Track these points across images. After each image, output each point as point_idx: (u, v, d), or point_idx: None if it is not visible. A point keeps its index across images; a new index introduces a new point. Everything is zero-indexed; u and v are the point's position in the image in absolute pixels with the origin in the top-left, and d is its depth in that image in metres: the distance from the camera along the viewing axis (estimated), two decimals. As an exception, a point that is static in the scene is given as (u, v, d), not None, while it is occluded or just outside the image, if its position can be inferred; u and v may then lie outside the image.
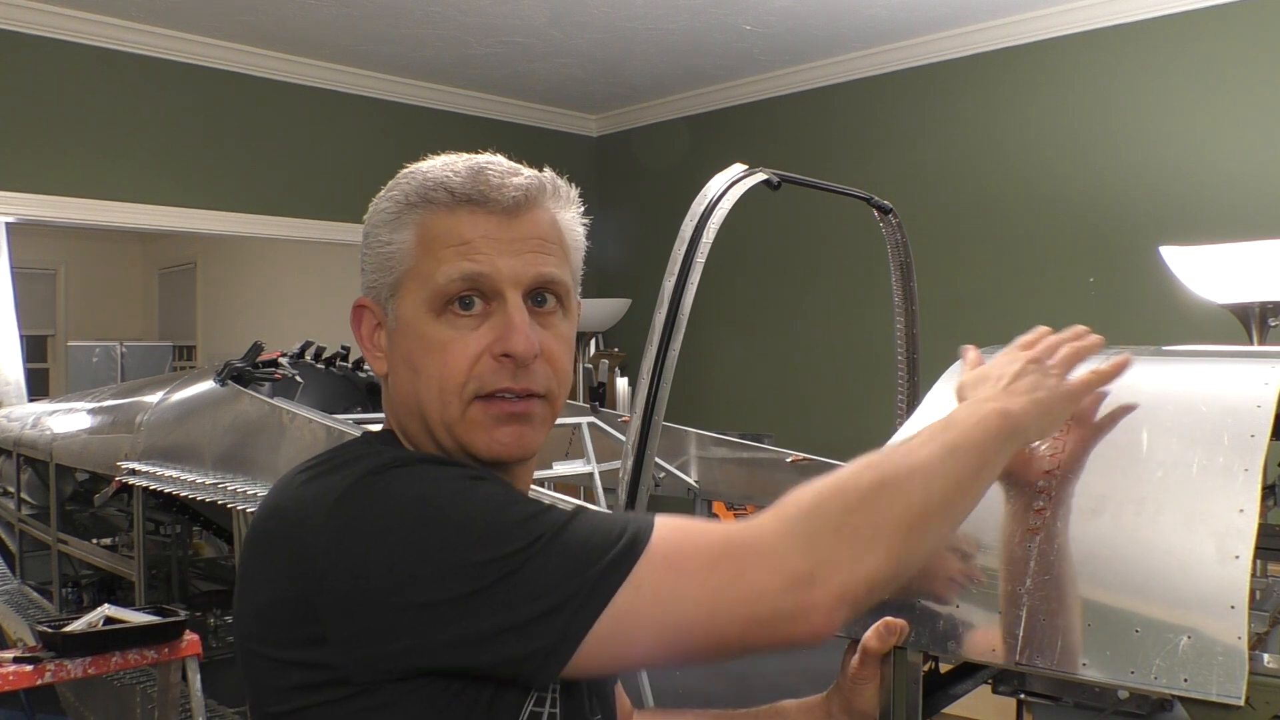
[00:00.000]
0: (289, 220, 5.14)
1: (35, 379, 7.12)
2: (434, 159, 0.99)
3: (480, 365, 0.93)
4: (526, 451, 0.97)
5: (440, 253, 0.93)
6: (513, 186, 0.95)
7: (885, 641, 1.08)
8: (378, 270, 0.97)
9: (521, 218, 0.95)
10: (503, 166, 0.97)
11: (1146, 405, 1.12)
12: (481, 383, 0.93)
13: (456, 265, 0.92)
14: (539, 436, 0.98)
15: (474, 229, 0.93)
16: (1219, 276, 2.90)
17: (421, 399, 0.94)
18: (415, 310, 0.94)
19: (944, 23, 4.50)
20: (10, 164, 4.31)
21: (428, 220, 0.95)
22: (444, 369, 0.93)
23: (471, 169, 0.96)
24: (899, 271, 1.98)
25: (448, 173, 0.95)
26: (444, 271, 0.92)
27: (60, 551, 3.62)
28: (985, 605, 1.04)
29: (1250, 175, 3.88)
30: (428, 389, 0.94)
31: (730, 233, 1.54)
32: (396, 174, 1.00)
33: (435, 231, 0.94)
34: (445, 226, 0.94)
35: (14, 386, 4.79)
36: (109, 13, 4.39)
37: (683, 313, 1.45)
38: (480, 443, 0.94)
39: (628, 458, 1.46)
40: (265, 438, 2.38)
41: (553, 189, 0.99)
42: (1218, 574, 0.94)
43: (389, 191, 0.98)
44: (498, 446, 0.94)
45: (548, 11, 4.37)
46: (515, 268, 0.93)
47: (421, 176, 0.96)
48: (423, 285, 0.94)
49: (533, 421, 0.96)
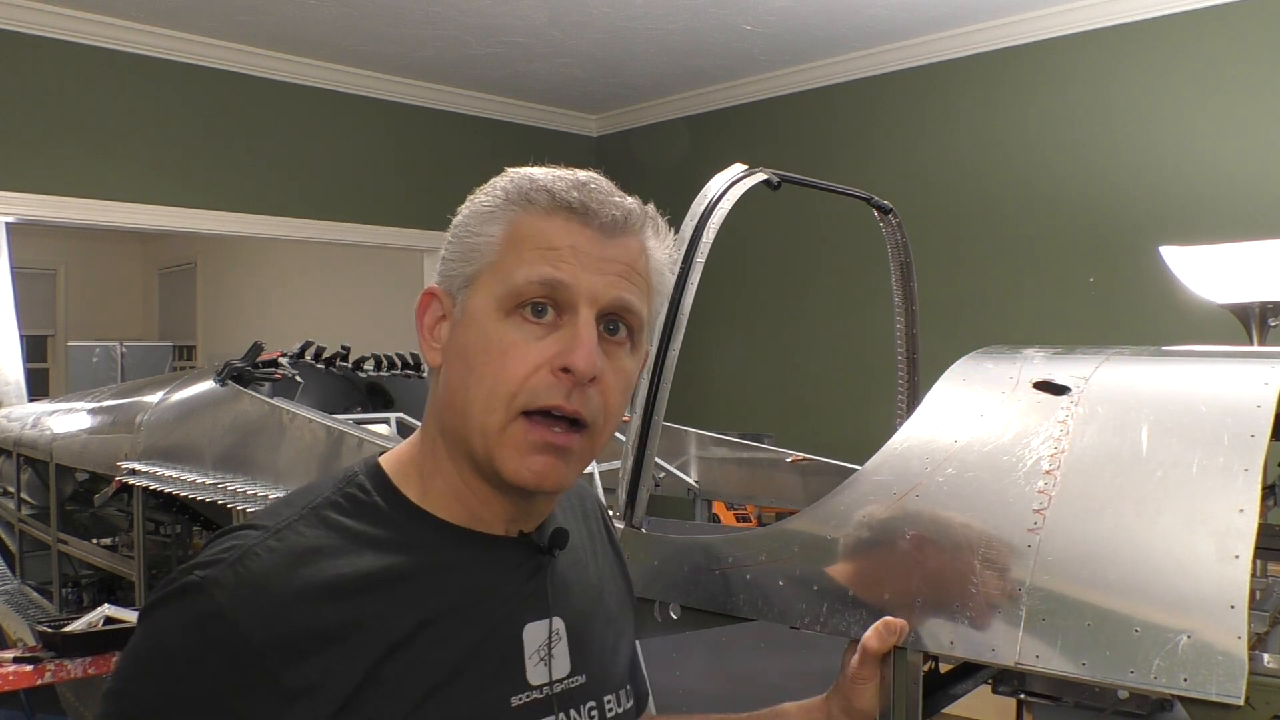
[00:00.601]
0: (289, 220, 5.14)
1: (35, 379, 7.12)
2: (544, 167, 0.98)
3: (537, 377, 0.90)
4: (557, 486, 0.94)
5: (526, 253, 0.91)
6: (614, 206, 0.94)
7: (885, 641, 1.08)
8: (458, 260, 0.95)
9: (615, 239, 0.94)
10: (608, 186, 0.96)
11: (1146, 405, 1.12)
12: (533, 396, 0.90)
13: (539, 268, 0.90)
14: (572, 474, 0.95)
15: (565, 237, 0.92)
16: (1219, 276, 2.90)
17: (469, 398, 0.92)
18: (486, 305, 0.92)
19: (944, 23, 4.50)
20: (10, 164, 4.31)
21: (522, 219, 0.93)
22: (500, 372, 0.90)
23: (578, 180, 0.95)
24: (899, 271, 1.98)
25: (553, 178, 0.95)
26: (524, 272, 0.90)
27: (60, 551, 3.62)
28: (986, 605, 1.04)
29: (1250, 175, 3.88)
30: (478, 388, 0.91)
31: (730, 233, 1.54)
32: (495, 176, 0.98)
33: (526, 231, 0.92)
34: (537, 228, 0.92)
35: (14, 386, 4.79)
36: (109, 13, 4.39)
37: (683, 313, 1.45)
38: (510, 465, 0.91)
39: (628, 458, 1.46)
40: (265, 438, 2.38)
41: (653, 225, 0.98)
42: (1218, 574, 0.94)
43: (490, 186, 0.97)
44: (526, 474, 0.91)
45: (548, 11, 4.37)
46: (596, 285, 0.91)
47: (527, 177, 0.95)
48: (500, 281, 0.92)
49: (569, 457, 0.93)
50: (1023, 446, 1.14)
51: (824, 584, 1.18)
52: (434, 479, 0.97)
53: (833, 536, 1.20)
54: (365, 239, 5.37)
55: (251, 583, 0.86)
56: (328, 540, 0.91)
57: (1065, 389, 1.19)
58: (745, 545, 1.29)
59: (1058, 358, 1.28)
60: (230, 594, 0.85)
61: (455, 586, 0.94)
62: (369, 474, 0.98)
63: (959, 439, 1.20)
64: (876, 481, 1.21)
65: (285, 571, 0.87)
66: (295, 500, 0.96)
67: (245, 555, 0.88)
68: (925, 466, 1.18)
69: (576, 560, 1.07)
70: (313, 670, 0.85)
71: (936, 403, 1.27)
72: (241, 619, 0.84)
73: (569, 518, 1.09)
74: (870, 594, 1.14)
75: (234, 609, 0.85)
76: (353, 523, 0.93)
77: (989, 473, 1.14)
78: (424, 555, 0.94)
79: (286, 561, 0.88)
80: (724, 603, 1.29)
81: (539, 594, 0.99)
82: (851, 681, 1.11)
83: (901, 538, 1.14)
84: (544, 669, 0.97)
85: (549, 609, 0.99)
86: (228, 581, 0.86)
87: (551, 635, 0.99)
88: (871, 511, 1.18)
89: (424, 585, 0.92)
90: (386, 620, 0.89)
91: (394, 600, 0.90)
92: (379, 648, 0.87)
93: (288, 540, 0.90)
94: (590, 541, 1.13)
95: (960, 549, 1.08)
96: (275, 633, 0.84)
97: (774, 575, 1.24)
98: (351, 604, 0.88)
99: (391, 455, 1.01)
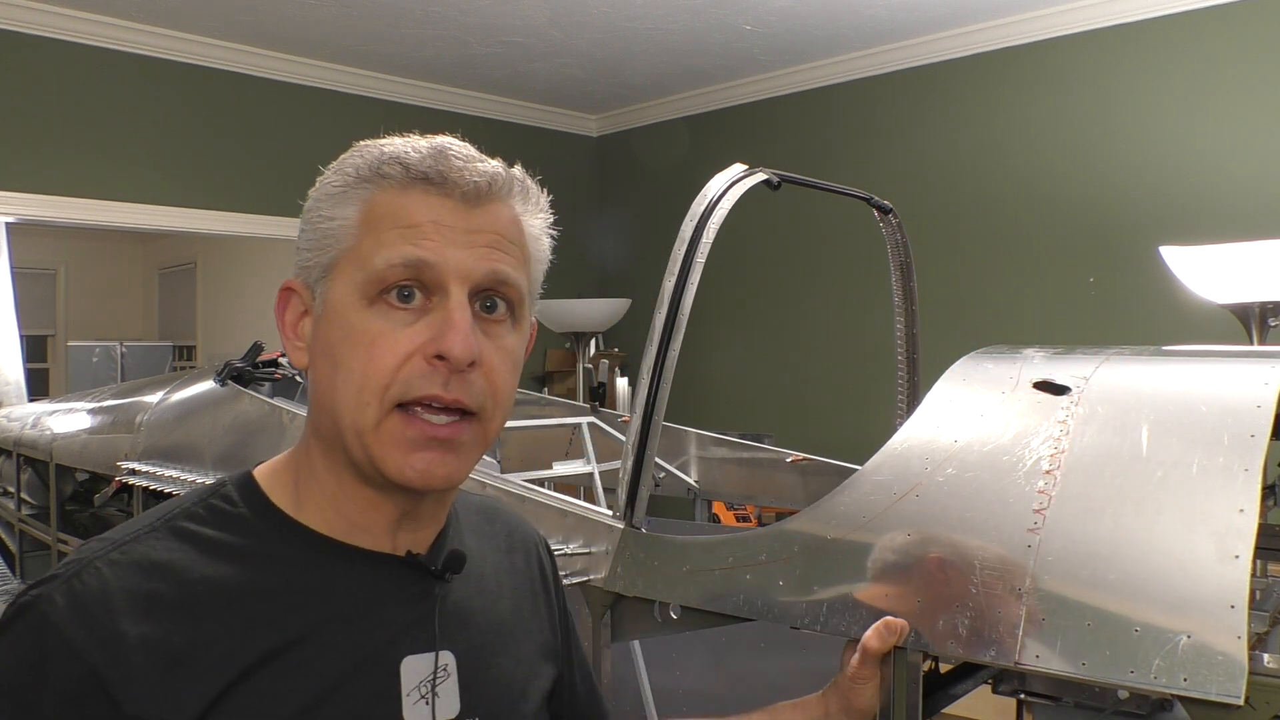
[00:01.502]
0: (289, 220, 5.12)
1: (35, 379, 7.12)
2: (395, 137, 0.88)
3: (409, 367, 0.81)
4: (446, 482, 0.85)
5: (384, 234, 0.83)
6: (476, 172, 0.84)
7: (885, 641, 1.08)
8: (313, 249, 0.86)
9: (481, 208, 0.85)
10: (468, 151, 0.87)
11: (1147, 405, 1.12)
12: (407, 387, 0.81)
13: (399, 249, 0.82)
14: (464, 466, 0.86)
15: (425, 212, 0.83)
16: (1219, 276, 2.90)
17: (338, 398, 0.83)
18: (346, 295, 0.83)
19: (944, 23, 4.50)
20: (10, 164, 4.31)
21: (376, 197, 0.84)
22: (367, 365, 0.82)
23: (434, 147, 0.85)
24: (899, 271, 1.98)
25: (407, 148, 0.85)
26: (384, 255, 0.82)
27: (60, 552, 3.61)
28: (986, 605, 1.04)
29: (1250, 175, 3.88)
30: (346, 386, 0.83)
31: (730, 233, 1.54)
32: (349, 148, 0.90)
33: (382, 210, 0.84)
34: (394, 205, 0.84)
35: (14, 386, 4.78)
36: (109, 13, 4.39)
37: (683, 313, 1.45)
38: (392, 463, 0.83)
39: (628, 458, 1.46)
40: (265, 438, 2.38)
41: (521, 188, 0.89)
42: (1218, 574, 0.94)
43: (339, 164, 0.88)
44: (410, 472, 0.83)
45: (548, 11, 4.37)
46: (465, 261, 0.83)
47: (377, 150, 0.86)
48: (359, 268, 0.83)
49: (458, 449, 0.84)
50: (1023, 446, 1.14)
51: (824, 584, 1.18)
52: (308, 487, 0.88)
53: (833, 536, 1.20)
54: (365, 239, 5.38)
55: (87, 598, 0.78)
56: (179, 554, 0.82)
57: (1065, 389, 1.19)
58: (745, 545, 1.29)
59: (1058, 358, 1.29)
60: (63, 612, 0.78)
61: (324, 606, 0.85)
62: (237, 484, 0.90)
63: (959, 439, 1.20)
64: (876, 481, 1.21)
65: (126, 586, 0.79)
66: (153, 513, 0.87)
67: (83, 570, 0.80)
68: (925, 466, 1.18)
69: (483, 590, 0.97)
70: (153, 694, 0.77)
71: (936, 403, 1.27)
72: (75, 638, 0.77)
73: (484, 544, 1.01)
74: (870, 594, 1.14)
75: (66, 627, 0.77)
76: (212, 533, 0.85)
77: (989, 473, 1.14)
78: (290, 571, 0.85)
79: (129, 575, 0.80)
80: (724, 603, 1.29)
81: (424, 623, 0.89)
82: (851, 681, 1.10)
83: (902, 538, 1.14)
84: (425, 708, 0.87)
85: (434, 640, 0.89)
86: (61, 599, 0.78)
87: (438, 671, 0.89)
88: (871, 511, 1.18)
89: (286, 603, 0.83)
90: (239, 640, 0.80)
91: (250, 619, 0.81)
92: (230, 671, 0.79)
93: (132, 553, 0.82)
94: (511, 576, 1.03)
95: (960, 549, 1.08)
96: (111, 652, 0.77)
97: (774, 575, 1.23)
98: (201, 622, 0.80)
99: (267, 465, 0.93)
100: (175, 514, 0.86)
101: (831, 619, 1.16)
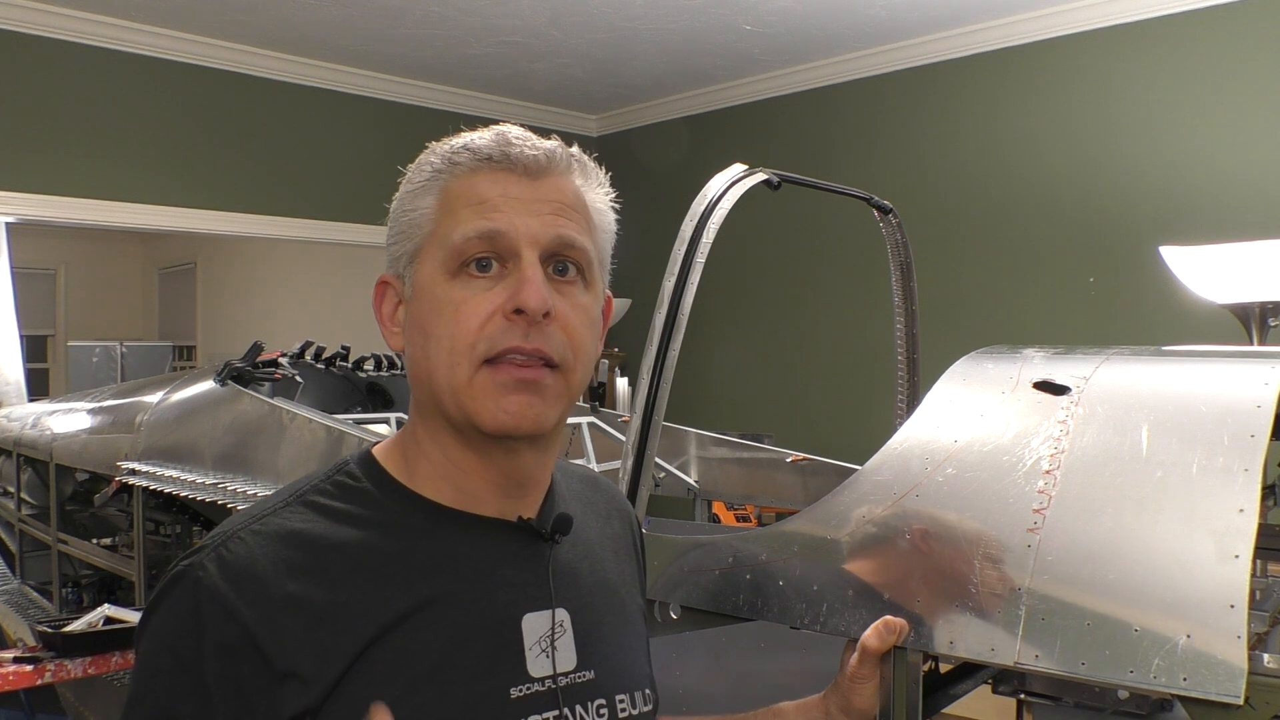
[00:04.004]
0: (289, 220, 5.14)
1: (35, 379, 7.11)
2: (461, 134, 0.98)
3: (491, 325, 0.89)
4: (536, 425, 0.91)
5: (459, 213, 0.92)
6: (534, 148, 0.93)
7: (885, 641, 1.08)
8: (400, 240, 0.95)
9: (543, 180, 0.93)
10: (526, 133, 0.96)
11: (1146, 405, 1.12)
12: (491, 343, 0.89)
13: (474, 224, 0.90)
14: (551, 412, 0.92)
15: (493, 188, 0.92)
16: (1219, 276, 2.90)
17: (432, 365, 0.91)
18: (432, 273, 0.92)
19: (944, 23, 4.50)
20: (10, 164, 4.31)
21: (450, 184, 0.93)
22: (455, 329, 0.89)
23: (496, 132, 0.95)
24: (899, 271, 1.98)
25: (472, 137, 0.95)
26: (461, 230, 0.91)
27: (60, 551, 3.61)
28: (985, 605, 1.04)
29: (1250, 175, 3.88)
30: (438, 352, 0.90)
31: (730, 233, 1.54)
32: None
33: (456, 193, 0.93)
34: (465, 187, 0.93)
35: (14, 386, 4.78)
36: (109, 13, 4.39)
37: (683, 313, 1.45)
38: (486, 412, 0.89)
39: (628, 458, 1.46)
40: (265, 438, 2.38)
41: (580, 164, 0.97)
42: (1217, 574, 0.94)
43: (417, 165, 0.97)
44: (503, 415, 0.89)
45: (548, 11, 4.37)
46: (533, 227, 0.91)
47: (447, 145, 0.96)
48: (440, 246, 0.92)
49: (543, 391, 0.91)
50: (1023, 446, 1.14)
51: (824, 584, 1.18)
52: (419, 461, 0.95)
53: (833, 536, 1.20)
54: (365, 239, 5.37)
55: (235, 564, 0.86)
56: (312, 524, 0.90)
57: (1065, 389, 1.19)
58: (745, 545, 1.29)
59: (1058, 358, 1.28)
60: (215, 577, 0.85)
61: (449, 569, 0.92)
62: (359, 461, 0.97)
63: (959, 439, 1.20)
64: (876, 481, 1.21)
65: (268, 553, 0.87)
66: (283, 491, 0.95)
67: (229, 540, 0.88)
68: (925, 466, 1.18)
69: (589, 554, 1.04)
70: (300, 650, 0.84)
71: (936, 403, 1.27)
72: (228, 599, 0.84)
73: (586, 511, 1.08)
74: (870, 594, 1.14)
75: (219, 589, 0.85)
76: (340, 505, 0.92)
77: (989, 473, 1.14)
78: (416, 538, 0.92)
79: (270, 544, 0.88)
80: (724, 603, 1.29)
81: (540, 583, 0.96)
82: (851, 681, 1.10)
83: (902, 537, 1.14)
84: (546, 661, 0.94)
85: (551, 599, 0.96)
86: (212, 565, 0.86)
87: (555, 626, 0.95)
88: (871, 511, 1.18)
89: (416, 567, 0.91)
90: (376, 602, 0.88)
91: (384, 582, 0.89)
92: (369, 629, 0.86)
93: (271, 525, 0.90)
94: (612, 540, 1.10)
95: (960, 549, 1.08)
96: (260, 612, 0.84)
97: (774, 575, 1.24)
98: (339, 585, 0.87)
99: (382, 445, 1.00)
100: (305, 490, 0.94)
101: (831, 619, 1.16)
